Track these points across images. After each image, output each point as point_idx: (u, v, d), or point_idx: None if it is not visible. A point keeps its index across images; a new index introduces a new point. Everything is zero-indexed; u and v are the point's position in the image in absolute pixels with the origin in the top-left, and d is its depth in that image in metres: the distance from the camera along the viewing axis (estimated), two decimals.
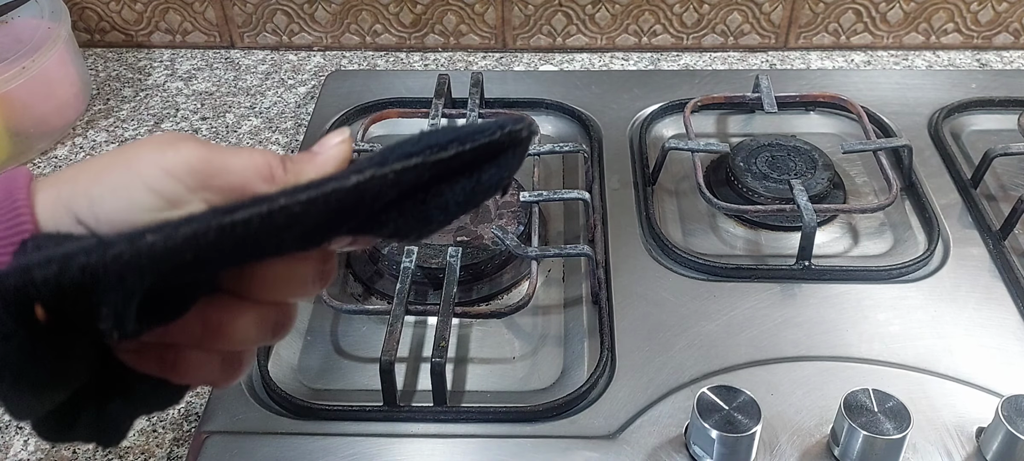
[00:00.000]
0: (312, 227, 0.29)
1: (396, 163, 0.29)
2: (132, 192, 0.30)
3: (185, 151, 0.31)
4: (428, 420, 0.58)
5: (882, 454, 0.51)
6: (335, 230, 0.30)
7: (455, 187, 0.31)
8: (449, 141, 0.29)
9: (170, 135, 0.33)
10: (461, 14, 0.99)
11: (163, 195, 0.30)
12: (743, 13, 0.97)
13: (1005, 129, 0.83)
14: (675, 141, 0.76)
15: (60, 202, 0.30)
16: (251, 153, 0.32)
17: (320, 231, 0.30)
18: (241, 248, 0.28)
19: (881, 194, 0.76)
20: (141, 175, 0.30)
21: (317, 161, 0.33)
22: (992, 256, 0.69)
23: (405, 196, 0.30)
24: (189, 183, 0.31)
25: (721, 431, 0.51)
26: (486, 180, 0.31)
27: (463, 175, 0.31)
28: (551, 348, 0.64)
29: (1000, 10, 0.96)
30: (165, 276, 0.27)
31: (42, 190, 0.31)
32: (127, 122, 0.90)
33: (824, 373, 0.59)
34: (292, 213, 0.28)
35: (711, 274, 0.68)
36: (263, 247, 0.29)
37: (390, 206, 0.30)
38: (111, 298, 0.27)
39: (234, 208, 0.27)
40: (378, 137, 0.84)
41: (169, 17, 1.00)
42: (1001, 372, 0.60)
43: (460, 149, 0.29)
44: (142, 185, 0.30)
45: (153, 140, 0.32)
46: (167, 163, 0.30)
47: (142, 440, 0.59)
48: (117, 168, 0.31)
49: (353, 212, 0.29)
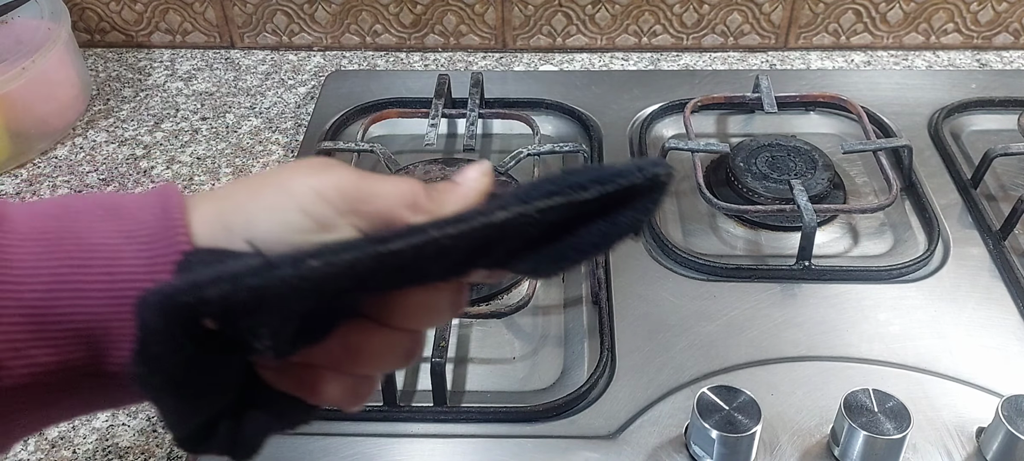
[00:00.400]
0: (459, 259, 0.30)
1: (540, 201, 0.29)
2: (287, 213, 0.31)
3: (337, 176, 0.32)
4: (428, 420, 0.58)
5: (882, 454, 0.51)
6: (478, 263, 0.31)
7: (591, 227, 0.31)
8: (591, 182, 0.30)
9: (323, 160, 0.34)
10: (461, 14, 0.99)
11: (315, 217, 0.31)
12: (743, 13, 0.97)
13: (1005, 129, 0.83)
14: (675, 141, 0.76)
15: (218, 218, 0.32)
16: (397, 181, 0.33)
17: (465, 263, 0.31)
18: (393, 275, 0.29)
19: (881, 194, 0.76)
20: (295, 197, 0.31)
21: (459, 192, 0.34)
22: (992, 256, 0.69)
23: (545, 234, 0.31)
24: (340, 207, 0.32)
25: (721, 431, 0.51)
26: (622, 222, 0.31)
27: (600, 216, 0.31)
28: (551, 348, 0.64)
29: (1000, 10, 0.96)
30: (322, 299, 0.28)
31: (200, 206, 0.32)
32: (127, 122, 0.90)
33: (824, 373, 0.59)
34: (443, 245, 0.29)
35: (711, 274, 0.68)
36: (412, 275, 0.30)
37: (530, 243, 0.31)
38: (273, 318, 0.28)
39: (389, 237, 0.28)
40: (378, 137, 0.84)
41: (169, 17, 1.00)
42: (1001, 372, 0.60)
43: (601, 191, 0.30)
44: (296, 206, 0.31)
45: (307, 163, 0.34)
46: (320, 186, 0.32)
47: (142, 440, 0.59)
48: (272, 188, 0.32)
49: (496, 247, 0.30)
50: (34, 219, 0.31)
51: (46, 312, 0.29)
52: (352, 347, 0.33)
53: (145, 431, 0.60)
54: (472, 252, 0.30)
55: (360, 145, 0.79)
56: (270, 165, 0.84)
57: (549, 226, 0.30)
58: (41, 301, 0.29)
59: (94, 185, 0.82)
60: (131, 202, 0.32)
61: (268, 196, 0.32)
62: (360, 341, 0.33)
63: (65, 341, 0.30)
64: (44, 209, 0.31)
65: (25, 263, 0.30)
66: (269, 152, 0.85)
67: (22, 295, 0.29)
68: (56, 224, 0.31)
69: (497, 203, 0.30)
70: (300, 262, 0.27)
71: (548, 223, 0.30)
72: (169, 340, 0.27)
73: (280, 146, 0.86)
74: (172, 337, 0.27)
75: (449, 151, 0.84)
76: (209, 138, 0.88)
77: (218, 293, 0.26)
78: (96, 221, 0.31)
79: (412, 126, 0.85)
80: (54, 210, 0.31)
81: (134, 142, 0.87)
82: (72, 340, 0.30)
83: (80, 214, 0.31)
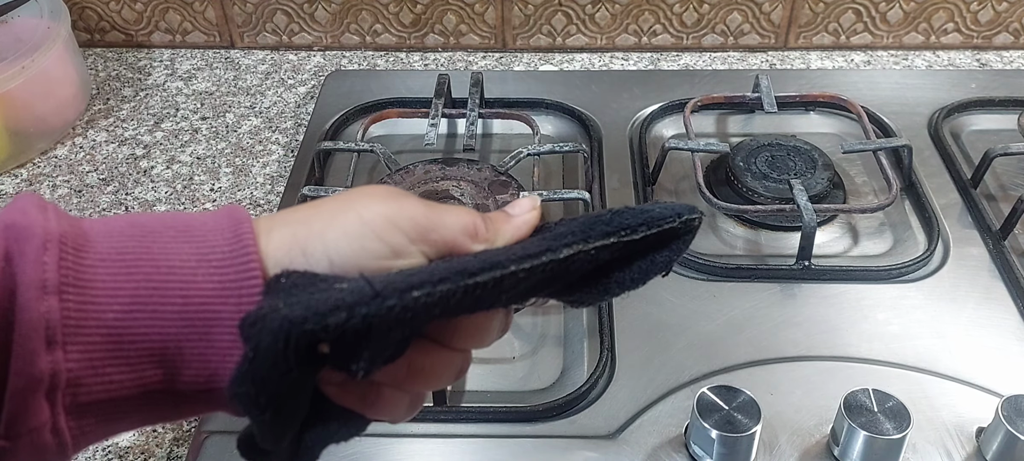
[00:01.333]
0: (525, 289, 0.33)
1: (597, 241, 0.34)
2: (364, 240, 0.33)
3: (408, 205, 0.35)
4: (428, 420, 0.58)
5: (882, 454, 0.51)
6: (539, 293, 0.35)
7: (633, 265, 0.35)
8: (639, 225, 0.34)
9: (393, 190, 0.36)
10: (461, 14, 0.99)
11: (390, 244, 0.34)
12: (743, 13, 0.97)
13: (1005, 129, 0.83)
14: (675, 141, 0.76)
15: (296, 242, 0.33)
16: (459, 212, 0.36)
17: (529, 293, 0.34)
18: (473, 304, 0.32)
19: (881, 194, 0.76)
20: (371, 224, 0.33)
21: (514, 223, 0.37)
22: (992, 256, 0.69)
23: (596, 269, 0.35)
24: (412, 235, 0.34)
25: (721, 431, 0.51)
26: (659, 260, 0.35)
27: (641, 255, 0.35)
28: (551, 348, 0.64)
29: (1000, 10, 0.96)
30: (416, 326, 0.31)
31: (273, 230, 0.33)
32: (127, 122, 0.90)
33: (824, 373, 0.59)
34: (517, 278, 0.32)
35: (711, 274, 0.68)
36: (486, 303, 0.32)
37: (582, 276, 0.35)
38: (375, 344, 0.30)
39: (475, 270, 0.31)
40: (378, 137, 0.84)
41: (169, 17, 1.00)
42: (1001, 372, 0.60)
43: (647, 233, 0.34)
44: (372, 234, 0.33)
45: (379, 192, 0.36)
46: (393, 215, 0.34)
47: (142, 440, 0.59)
48: (349, 215, 0.34)
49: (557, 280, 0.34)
50: (112, 238, 0.32)
51: (124, 332, 0.30)
52: (415, 367, 0.35)
53: (145, 431, 0.60)
54: (538, 284, 0.34)
55: (360, 145, 0.79)
56: (270, 165, 0.84)
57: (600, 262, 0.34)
58: (119, 321, 0.30)
59: (94, 185, 0.82)
60: (201, 224, 0.33)
61: (346, 223, 0.34)
62: (424, 361, 0.35)
63: (140, 361, 0.31)
64: (120, 228, 0.32)
65: (106, 284, 0.31)
66: (269, 152, 0.85)
67: (103, 315, 0.30)
68: (134, 243, 0.32)
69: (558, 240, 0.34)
70: (405, 293, 0.30)
71: (602, 261, 0.34)
72: (284, 363, 0.29)
73: (280, 146, 0.86)
74: (287, 360, 0.29)
75: (449, 151, 0.84)
76: (209, 138, 0.88)
77: (337, 322, 0.28)
78: (170, 242, 0.32)
79: (412, 126, 0.85)
80: (129, 230, 0.32)
81: (134, 142, 0.87)
82: (147, 360, 0.31)
83: (156, 235, 0.32)
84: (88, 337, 0.30)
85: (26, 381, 0.29)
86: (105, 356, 0.30)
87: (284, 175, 0.81)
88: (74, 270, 0.30)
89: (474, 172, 0.76)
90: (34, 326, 0.29)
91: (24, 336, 0.29)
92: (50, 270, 0.30)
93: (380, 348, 0.31)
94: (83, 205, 0.80)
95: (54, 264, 0.30)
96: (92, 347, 0.30)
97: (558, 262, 0.33)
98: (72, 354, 0.30)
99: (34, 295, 0.29)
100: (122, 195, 0.81)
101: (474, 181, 0.75)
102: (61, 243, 0.30)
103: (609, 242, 0.34)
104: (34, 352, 0.29)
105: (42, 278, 0.29)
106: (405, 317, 0.30)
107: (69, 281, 0.30)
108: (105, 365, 0.30)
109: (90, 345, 0.30)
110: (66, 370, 0.30)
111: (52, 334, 0.29)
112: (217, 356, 0.31)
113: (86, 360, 0.30)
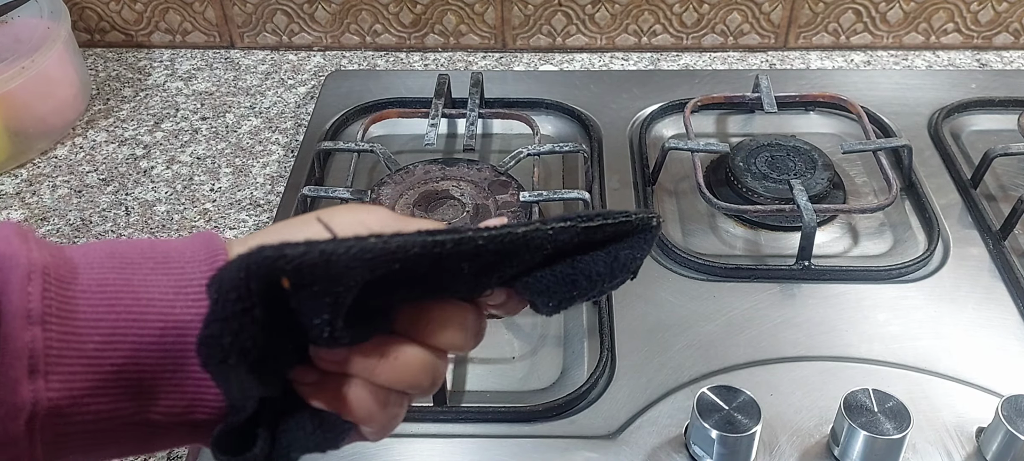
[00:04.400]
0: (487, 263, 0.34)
1: (553, 223, 0.35)
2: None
3: (379, 213, 0.36)
4: (428, 420, 0.58)
5: (882, 454, 0.51)
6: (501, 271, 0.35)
7: (597, 258, 0.37)
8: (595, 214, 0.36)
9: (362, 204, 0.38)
10: (461, 14, 0.99)
11: None
12: (743, 13, 0.97)
13: (1005, 129, 0.83)
14: (675, 141, 0.76)
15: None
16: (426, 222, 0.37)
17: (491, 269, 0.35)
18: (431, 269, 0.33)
19: (881, 194, 0.76)
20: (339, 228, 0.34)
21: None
22: (992, 256, 0.69)
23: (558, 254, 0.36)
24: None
25: (721, 431, 0.51)
26: (622, 257, 0.37)
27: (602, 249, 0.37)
28: (551, 348, 0.64)
29: (1000, 10, 0.96)
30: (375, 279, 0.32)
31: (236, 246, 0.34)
32: (127, 122, 0.90)
33: (824, 373, 0.59)
34: (476, 243, 0.33)
35: (711, 274, 0.68)
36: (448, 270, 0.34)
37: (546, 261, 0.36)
38: (335, 288, 0.31)
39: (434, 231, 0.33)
40: (378, 137, 0.84)
41: (169, 17, 1.00)
42: (1001, 372, 0.60)
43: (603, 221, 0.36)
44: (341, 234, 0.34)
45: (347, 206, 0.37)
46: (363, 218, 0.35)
47: None
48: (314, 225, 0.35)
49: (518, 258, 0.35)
50: (93, 270, 0.32)
51: (103, 362, 0.31)
52: (389, 355, 0.35)
53: None
54: (499, 260, 0.35)
55: (360, 145, 0.79)
56: (270, 165, 0.84)
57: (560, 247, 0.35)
58: (99, 352, 0.31)
59: (94, 185, 0.82)
60: (179, 254, 0.34)
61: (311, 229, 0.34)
62: (396, 350, 0.35)
63: (118, 392, 0.31)
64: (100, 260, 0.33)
65: (87, 315, 0.31)
66: (269, 152, 0.85)
67: (84, 345, 0.31)
68: (114, 275, 0.32)
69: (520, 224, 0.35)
70: (362, 239, 0.31)
71: (562, 243, 0.35)
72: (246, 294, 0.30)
73: (280, 146, 0.86)
74: (249, 291, 0.30)
75: (449, 151, 0.84)
76: (209, 138, 0.88)
77: (296, 252, 0.30)
78: (149, 274, 0.32)
79: (412, 126, 0.85)
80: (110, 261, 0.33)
81: (134, 142, 0.87)
82: (125, 390, 0.31)
83: (136, 266, 0.33)
84: (69, 367, 0.30)
85: (7, 410, 0.29)
86: (85, 386, 0.31)
87: (284, 175, 0.81)
88: (57, 301, 0.30)
89: (474, 172, 0.76)
90: (18, 355, 0.29)
91: (7, 364, 0.29)
92: (34, 300, 0.30)
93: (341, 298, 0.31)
94: (83, 205, 0.80)
95: (38, 294, 0.30)
96: (73, 377, 0.30)
97: (517, 236, 0.34)
98: (53, 383, 0.30)
99: (19, 324, 0.29)
100: (122, 195, 0.81)
101: (474, 181, 0.75)
102: (44, 274, 0.31)
103: (566, 224, 0.35)
104: (17, 380, 0.29)
105: (27, 308, 0.30)
106: (364, 258, 0.31)
107: (53, 311, 0.30)
108: (84, 395, 0.31)
109: (71, 375, 0.30)
110: (46, 399, 0.30)
111: (35, 363, 0.30)
112: (193, 387, 0.32)
113: (66, 390, 0.30)
